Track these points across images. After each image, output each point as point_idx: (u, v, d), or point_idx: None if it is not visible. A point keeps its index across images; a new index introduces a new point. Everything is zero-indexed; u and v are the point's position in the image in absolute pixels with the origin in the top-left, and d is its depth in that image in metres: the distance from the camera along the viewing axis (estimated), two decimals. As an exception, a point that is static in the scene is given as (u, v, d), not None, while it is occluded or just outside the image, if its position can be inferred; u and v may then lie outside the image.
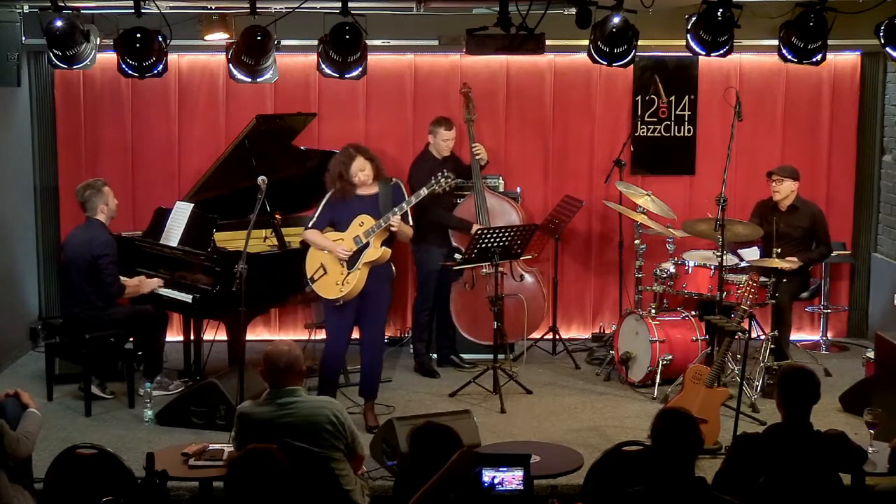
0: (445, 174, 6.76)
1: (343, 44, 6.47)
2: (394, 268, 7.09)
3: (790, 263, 7.62)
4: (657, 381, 7.56)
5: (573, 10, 6.48)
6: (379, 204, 6.77)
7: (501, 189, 8.58)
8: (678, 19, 6.84)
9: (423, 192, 6.77)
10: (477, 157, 8.19)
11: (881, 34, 6.60)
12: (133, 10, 6.42)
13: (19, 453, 5.01)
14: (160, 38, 6.54)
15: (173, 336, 8.22)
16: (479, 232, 7.47)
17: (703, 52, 6.64)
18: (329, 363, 6.97)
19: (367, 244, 6.71)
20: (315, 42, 6.62)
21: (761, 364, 7.51)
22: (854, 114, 9.10)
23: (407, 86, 8.98)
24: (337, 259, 6.75)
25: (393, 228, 6.71)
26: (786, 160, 8.72)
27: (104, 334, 7.24)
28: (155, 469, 4.52)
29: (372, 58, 6.91)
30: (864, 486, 5.09)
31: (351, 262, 6.74)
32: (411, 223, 6.90)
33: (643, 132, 9.04)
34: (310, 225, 6.90)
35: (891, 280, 8.69)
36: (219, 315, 7.54)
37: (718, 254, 7.24)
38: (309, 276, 6.87)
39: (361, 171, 6.79)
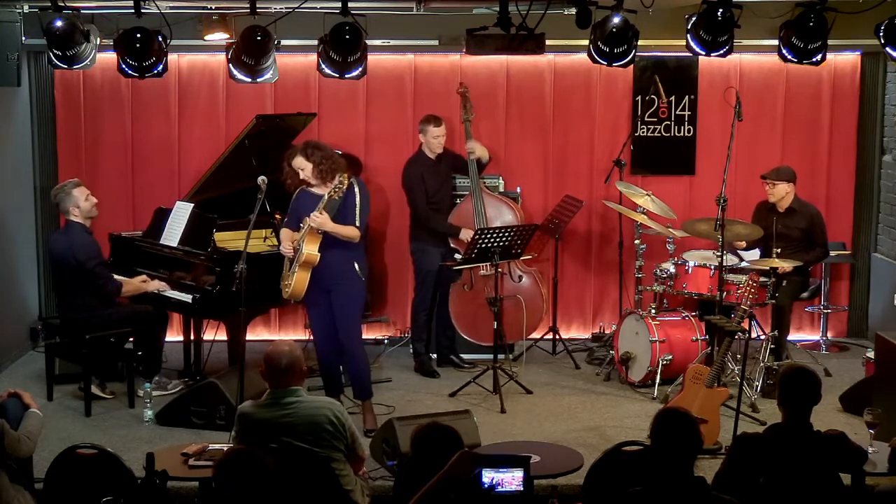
0: (339, 179, 6.51)
1: (343, 44, 6.46)
2: (357, 266, 6.74)
3: (790, 263, 7.62)
4: (657, 381, 7.56)
5: (573, 10, 6.49)
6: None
7: (501, 189, 8.57)
8: (678, 19, 6.84)
9: (325, 197, 6.52)
10: (472, 156, 8.18)
11: (881, 34, 6.60)
12: (133, 10, 6.41)
13: (20, 453, 5.02)
14: (160, 38, 6.53)
15: (173, 336, 8.22)
16: (480, 232, 7.47)
17: (703, 52, 6.64)
18: (321, 361, 6.99)
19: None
20: (315, 42, 6.61)
21: (761, 364, 7.51)
22: (854, 114, 9.09)
23: (407, 86, 8.97)
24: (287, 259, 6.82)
25: (321, 228, 6.49)
26: (786, 160, 8.71)
27: (104, 334, 7.23)
28: (155, 469, 4.52)
29: (372, 58, 6.90)
30: (864, 486, 5.09)
31: (292, 263, 6.75)
32: (357, 224, 6.65)
33: (643, 132, 9.04)
34: (284, 223, 6.95)
35: (891, 280, 8.68)
36: (219, 315, 7.55)
37: (718, 254, 7.25)
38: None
39: (301, 169, 6.72)
